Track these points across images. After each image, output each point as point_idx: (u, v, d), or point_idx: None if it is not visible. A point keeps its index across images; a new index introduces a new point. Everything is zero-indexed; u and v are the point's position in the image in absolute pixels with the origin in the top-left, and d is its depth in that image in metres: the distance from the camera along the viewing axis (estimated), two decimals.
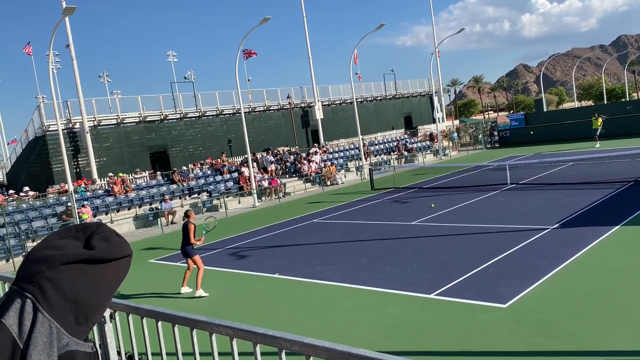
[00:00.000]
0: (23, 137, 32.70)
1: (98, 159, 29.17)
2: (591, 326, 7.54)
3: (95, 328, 2.85)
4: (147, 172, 29.21)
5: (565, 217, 14.68)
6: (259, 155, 32.79)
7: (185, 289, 11.83)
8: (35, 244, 19.83)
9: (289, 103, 39.31)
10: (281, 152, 34.42)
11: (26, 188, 25.41)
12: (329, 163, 32.87)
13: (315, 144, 37.63)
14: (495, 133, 43.46)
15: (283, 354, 2.06)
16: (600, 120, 33.43)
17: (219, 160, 31.39)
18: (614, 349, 6.77)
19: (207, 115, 35.30)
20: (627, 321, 7.54)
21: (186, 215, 12.05)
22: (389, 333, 8.23)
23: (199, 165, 30.81)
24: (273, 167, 31.24)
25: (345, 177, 32.95)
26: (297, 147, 36.68)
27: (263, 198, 27.73)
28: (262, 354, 2.24)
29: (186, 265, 11.98)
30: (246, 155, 27.85)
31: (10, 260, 18.82)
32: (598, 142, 33.29)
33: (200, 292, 11.50)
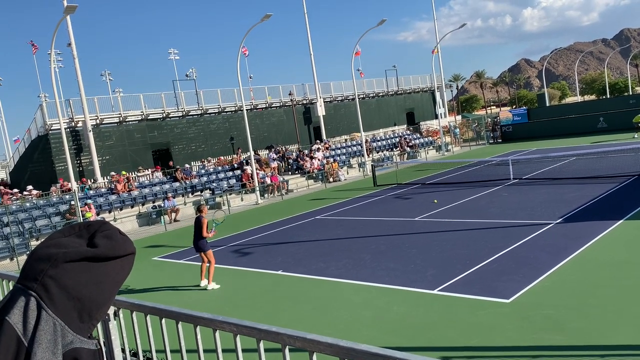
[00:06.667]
0: (26, 136, 32.74)
1: (101, 157, 29.19)
2: (596, 321, 7.52)
3: (99, 326, 2.86)
4: (149, 170, 29.24)
5: (568, 212, 14.65)
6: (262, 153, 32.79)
7: (205, 282, 12.03)
8: (39, 242, 19.88)
9: (291, 100, 39.25)
10: (284, 149, 34.39)
11: (30, 187, 25.48)
12: (331, 160, 32.86)
13: (318, 141, 37.60)
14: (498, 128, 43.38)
15: (287, 350, 2.06)
16: None
17: (221, 158, 31.40)
18: (619, 343, 6.76)
19: (209, 113, 35.29)
20: (632, 316, 7.52)
21: (198, 209, 12.14)
22: (393, 329, 8.24)
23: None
24: (275, 164, 31.25)
25: (347, 173, 32.94)
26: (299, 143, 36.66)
27: (266, 195, 27.75)
28: (266, 350, 2.24)
29: (200, 260, 12.21)
30: (249, 153, 27.86)
31: (15, 259, 18.90)
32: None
33: (213, 285, 11.77)
